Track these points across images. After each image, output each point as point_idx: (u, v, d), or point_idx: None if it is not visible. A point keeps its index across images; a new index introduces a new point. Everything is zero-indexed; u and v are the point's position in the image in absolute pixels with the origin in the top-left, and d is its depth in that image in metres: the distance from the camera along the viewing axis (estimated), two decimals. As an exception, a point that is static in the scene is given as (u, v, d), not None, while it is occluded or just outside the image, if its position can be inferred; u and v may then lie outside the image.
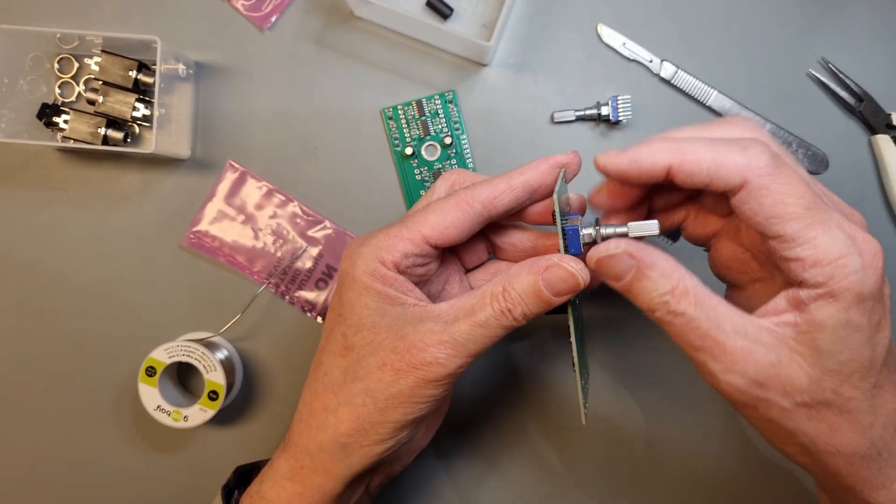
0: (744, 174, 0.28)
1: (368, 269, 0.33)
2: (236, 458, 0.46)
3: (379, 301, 0.33)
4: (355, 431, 0.33)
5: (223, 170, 0.46)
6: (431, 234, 0.33)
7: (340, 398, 0.33)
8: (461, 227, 0.33)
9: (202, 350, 0.43)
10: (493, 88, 0.46)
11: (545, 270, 0.32)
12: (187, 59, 0.46)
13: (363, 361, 0.33)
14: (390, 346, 0.32)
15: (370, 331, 0.33)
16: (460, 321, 0.32)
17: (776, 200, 0.27)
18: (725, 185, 0.28)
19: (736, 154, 0.28)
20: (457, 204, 0.33)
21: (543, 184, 0.34)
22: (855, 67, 0.45)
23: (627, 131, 0.46)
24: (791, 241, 0.27)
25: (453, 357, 0.31)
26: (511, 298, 0.32)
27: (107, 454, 0.47)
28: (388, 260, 0.33)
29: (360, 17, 0.46)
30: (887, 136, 0.44)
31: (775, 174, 0.27)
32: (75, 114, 0.44)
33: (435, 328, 0.32)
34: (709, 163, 0.28)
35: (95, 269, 0.46)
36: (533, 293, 0.32)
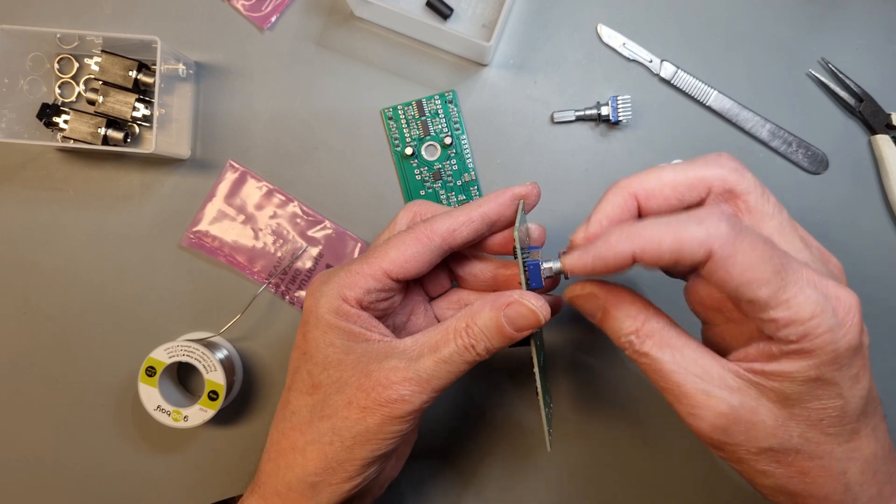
0: (706, 247, 0.27)
1: (332, 306, 0.33)
2: (236, 457, 0.46)
3: (343, 338, 0.33)
4: (323, 470, 0.33)
5: (223, 170, 0.46)
6: (392, 269, 0.34)
7: (308, 437, 0.33)
8: (421, 260, 0.34)
9: (202, 350, 0.43)
10: (492, 88, 0.46)
11: (507, 307, 0.32)
12: (187, 59, 0.46)
13: (329, 399, 0.33)
14: (356, 384, 0.32)
15: (336, 368, 0.33)
16: (424, 357, 0.32)
17: (743, 268, 0.27)
18: (691, 261, 0.28)
19: (694, 228, 0.27)
20: (416, 237, 0.34)
21: (503, 216, 0.35)
22: (855, 67, 0.45)
23: (627, 131, 0.46)
24: (763, 305, 0.27)
25: (418, 393, 0.32)
26: (474, 334, 0.32)
27: (107, 454, 0.47)
28: (351, 297, 0.33)
29: (360, 18, 0.46)
30: (887, 136, 0.44)
31: (737, 241, 0.27)
32: (75, 114, 0.44)
33: (399, 365, 0.32)
34: (669, 244, 0.28)
35: (96, 269, 0.46)
36: (495, 329, 0.32)
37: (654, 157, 0.46)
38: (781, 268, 0.27)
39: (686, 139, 0.46)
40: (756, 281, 0.27)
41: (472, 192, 0.46)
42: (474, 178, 0.46)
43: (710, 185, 0.31)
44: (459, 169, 0.46)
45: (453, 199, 0.46)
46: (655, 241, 0.28)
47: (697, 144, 0.46)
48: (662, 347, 0.30)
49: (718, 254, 0.27)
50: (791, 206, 0.45)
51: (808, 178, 0.46)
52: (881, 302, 0.45)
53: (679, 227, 0.28)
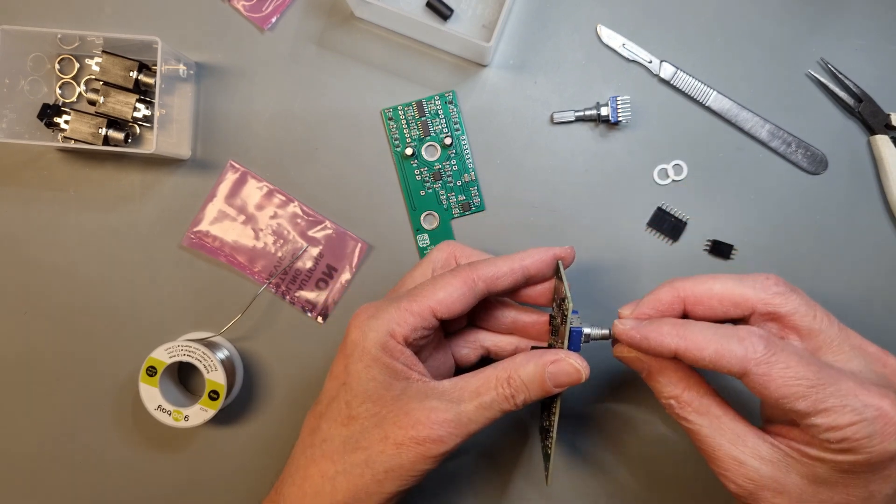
0: (743, 365, 0.31)
1: (379, 341, 0.35)
2: (237, 457, 0.46)
3: (386, 374, 0.34)
4: (351, 500, 0.34)
5: (224, 170, 0.46)
6: (439, 309, 0.35)
7: (339, 467, 0.34)
8: (465, 302, 0.36)
9: (203, 350, 0.43)
10: (492, 89, 0.46)
11: (552, 364, 0.34)
12: (188, 59, 0.46)
13: (366, 433, 0.34)
14: (393, 420, 0.33)
15: (375, 403, 0.34)
16: (465, 402, 0.33)
17: (779, 385, 0.30)
18: (729, 373, 0.31)
19: (734, 345, 0.31)
20: (464, 281, 0.36)
21: (541, 271, 0.38)
22: (854, 68, 0.45)
23: (627, 132, 0.46)
24: (801, 415, 0.30)
25: (454, 436, 0.33)
26: (516, 386, 0.34)
27: (107, 454, 0.47)
28: (399, 334, 0.35)
29: (360, 18, 0.46)
30: (886, 136, 0.44)
31: (772, 362, 0.30)
32: (76, 114, 0.44)
33: (440, 406, 0.33)
34: (710, 353, 0.31)
35: (96, 269, 0.47)
36: (537, 383, 0.34)
37: (654, 158, 0.46)
38: (816, 382, 0.30)
39: (686, 139, 0.46)
40: (792, 396, 0.30)
41: (472, 192, 0.46)
42: (474, 179, 0.46)
43: (754, 307, 0.34)
44: (459, 169, 0.46)
45: (453, 199, 0.46)
46: (698, 347, 0.31)
47: (697, 145, 0.46)
48: (700, 414, 0.33)
49: (754, 372, 0.30)
50: (791, 206, 0.46)
51: (808, 179, 0.46)
52: (881, 302, 0.45)
53: (721, 342, 0.31)
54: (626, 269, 0.46)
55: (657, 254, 0.46)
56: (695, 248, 0.46)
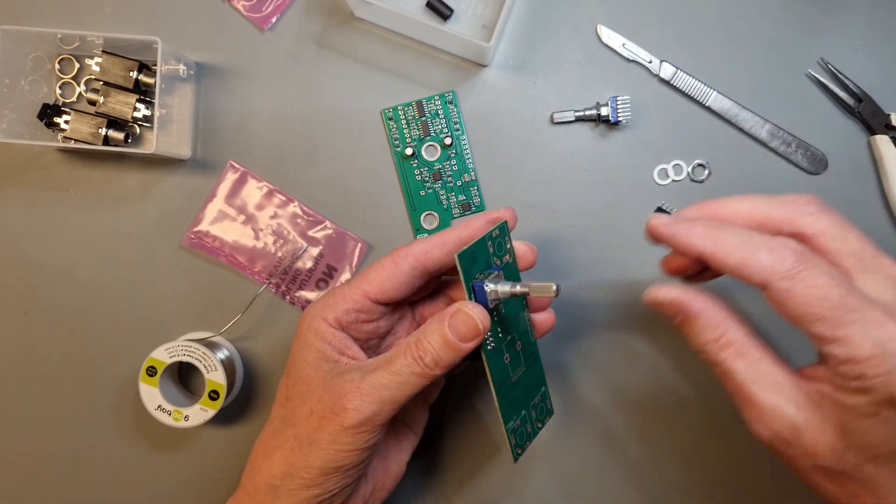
0: (765, 277, 0.29)
1: (311, 326, 0.36)
2: (237, 457, 0.46)
3: (316, 357, 0.36)
4: (283, 474, 0.35)
5: (224, 170, 0.46)
6: (370, 290, 0.36)
7: (276, 443, 0.36)
8: (396, 280, 0.36)
9: (203, 350, 0.43)
10: (492, 89, 0.46)
11: (450, 317, 0.34)
12: (188, 59, 0.46)
13: (296, 410, 0.36)
14: (317, 397, 0.35)
15: (305, 383, 0.36)
16: (377, 371, 0.34)
17: (798, 303, 0.29)
18: (750, 282, 0.30)
19: (763, 255, 0.30)
20: (392, 259, 0.37)
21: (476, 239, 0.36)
22: (854, 68, 0.45)
23: (627, 132, 0.46)
24: (819, 339, 0.29)
25: (368, 403, 0.33)
26: (422, 347, 0.34)
27: (107, 454, 0.47)
28: (331, 317, 0.36)
29: (360, 18, 0.46)
30: (886, 136, 0.44)
31: (797, 277, 0.29)
32: (76, 114, 0.44)
33: (355, 377, 0.34)
34: (736, 260, 0.30)
35: (96, 269, 0.47)
36: (441, 340, 0.34)
37: (654, 158, 0.46)
38: (842, 306, 0.28)
39: (685, 139, 0.46)
40: (809, 316, 0.28)
41: (472, 192, 0.46)
42: (474, 179, 0.46)
43: (780, 227, 0.32)
44: (459, 169, 0.46)
45: (453, 199, 0.46)
46: (726, 252, 0.30)
47: (697, 145, 0.46)
48: (737, 358, 0.32)
49: (775, 286, 0.29)
50: (790, 206, 0.45)
51: (808, 179, 0.46)
52: (880, 302, 0.45)
53: (751, 249, 0.30)
54: (627, 269, 0.46)
55: (658, 254, 0.46)
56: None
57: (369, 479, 0.38)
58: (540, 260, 0.46)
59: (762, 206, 0.33)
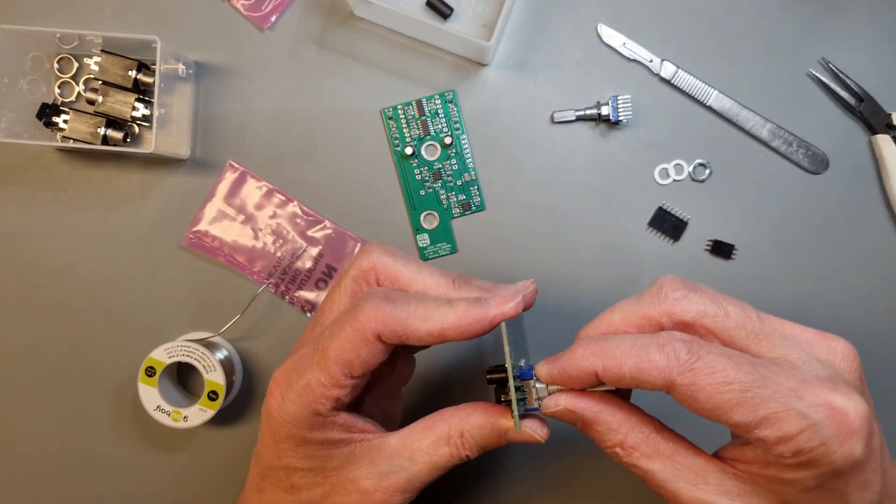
0: (666, 377, 0.27)
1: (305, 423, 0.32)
2: (236, 458, 0.46)
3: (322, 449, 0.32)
4: None
5: (223, 170, 0.46)
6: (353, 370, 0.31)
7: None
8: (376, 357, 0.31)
9: (202, 350, 0.43)
10: (493, 88, 0.46)
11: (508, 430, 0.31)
12: (187, 59, 0.46)
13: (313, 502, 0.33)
14: (342, 492, 0.32)
15: (317, 475, 0.32)
16: (417, 464, 0.32)
17: (709, 394, 0.26)
18: (653, 388, 0.27)
19: (654, 354, 0.27)
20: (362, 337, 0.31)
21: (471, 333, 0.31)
22: (855, 67, 0.45)
23: (628, 131, 0.46)
24: (743, 427, 0.26)
25: (407, 499, 0.32)
26: (469, 445, 0.32)
27: (106, 454, 0.47)
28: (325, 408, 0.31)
29: (360, 17, 0.46)
30: (887, 136, 0.44)
31: (697, 368, 0.26)
32: (75, 114, 0.44)
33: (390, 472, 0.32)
34: (630, 367, 0.27)
35: (95, 268, 0.46)
36: (493, 441, 0.32)
37: (655, 157, 0.46)
38: (750, 386, 0.26)
39: (686, 139, 0.46)
40: (725, 405, 0.26)
41: (472, 191, 0.46)
42: (474, 178, 0.46)
43: (660, 323, 0.30)
44: (459, 169, 0.46)
45: (453, 199, 0.46)
46: (617, 362, 0.28)
47: (698, 144, 0.46)
48: (651, 457, 0.29)
49: (679, 383, 0.26)
50: (791, 206, 0.45)
51: (809, 178, 0.46)
52: (882, 302, 0.45)
53: (640, 352, 0.27)
54: (627, 268, 0.46)
55: (658, 253, 0.46)
56: (696, 247, 0.46)
57: None
58: (540, 260, 0.46)
59: (632, 308, 0.30)
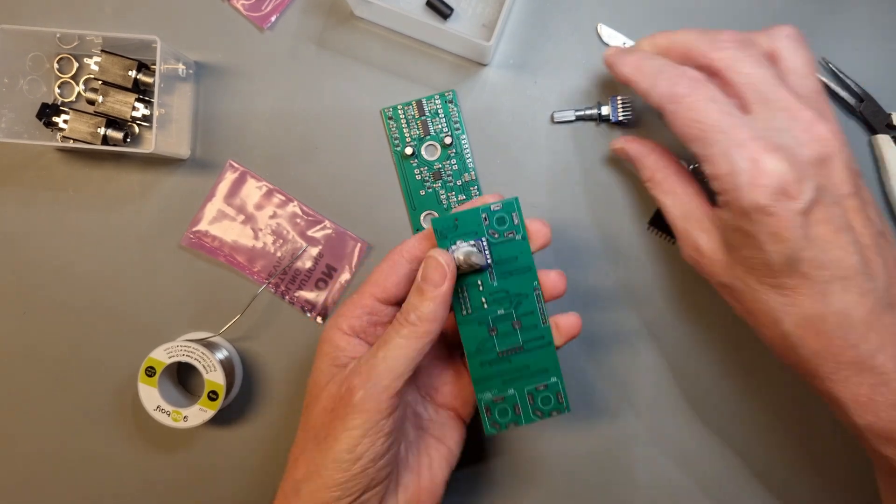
0: (660, 101, 0.35)
1: (326, 338, 0.38)
2: (236, 458, 0.46)
3: (328, 363, 0.38)
4: (305, 476, 0.36)
5: (223, 170, 0.46)
6: (375, 291, 0.38)
7: (299, 449, 0.37)
8: (397, 277, 0.38)
9: (202, 350, 0.43)
10: (493, 88, 0.46)
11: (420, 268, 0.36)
12: (187, 59, 0.46)
13: (311, 413, 0.37)
14: (327, 393, 0.37)
15: (318, 387, 0.37)
16: (372, 349, 0.36)
17: (679, 125, 0.34)
18: (654, 105, 0.36)
19: (662, 82, 0.35)
20: (389, 259, 0.39)
21: None
22: (855, 67, 0.45)
23: (629, 131, 0.46)
24: (701, 159, 0.34)
25: (367, 379, 0.35)
26: (403, 309, 0.36)
27: (106, 454, 0.47)
28: (344, 326, 0.38)
29: (360, 17, 0.46)
30: (887, 136, 0.44)
31: (683, 102, 0.34)
32: (75, 114, 0.44)
33: (356, 364, 0.36)
34: (645, 85, 0.36)
35: (95, 268, 0.46)
36: (416, 291, 0.36)
37: (655, 157, 0.46)
38: (712, 128, 0.33)
39: (686, 139, 0.46)
40: (688, 136, 0.34)
41: (472, 191, 0.46)
42: (474, 178, 0.46)
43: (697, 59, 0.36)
44: (459, 169, 0.46)
45: (453, 199, 0.46)
46: (640, 79, 0.36)
47: (697, 144, 0.46)
48: (666, 193, 0.39)
49: (666, 108, 0.35)
50: (791, 206, 0.45)
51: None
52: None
53: (656, 77, 0.35)
54: (628, 268, 0.46)
55: (658, 253, 0.46)
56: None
57: (399, 493, 0.37)
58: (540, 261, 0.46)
59: (693, 39, 0.37)
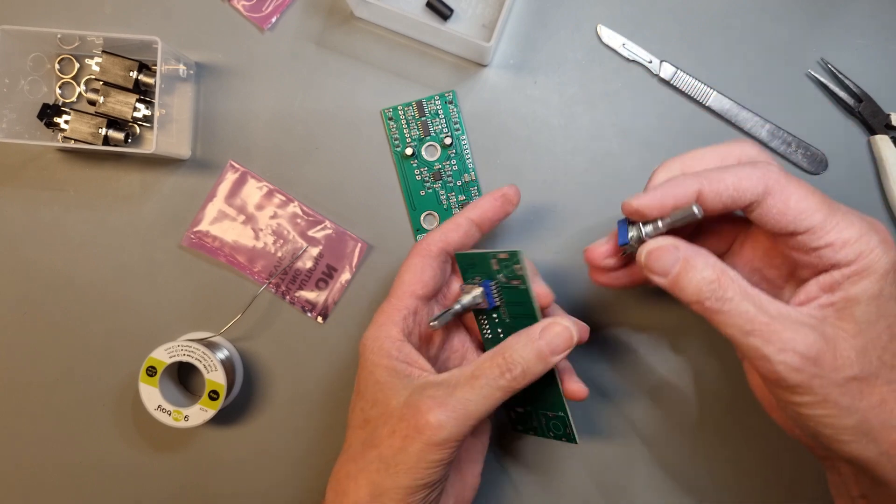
0: (764, 183, 0.31)
1: (376, 346, 0.37)
2: (237, 457, 0.46)
3: (388, 376, 0.36)
4: (371, 497, 0.35)
5: (224, 170, 0.46)
6: (415, 289, 0.38)
7: (359, 465, 0.36)
8: (432, 270, 0.38)
9: (203, 350, 0.43)
10: (492, 89, 0.46)
11: (542, 330, 0.35)
12: (188, 59, 0.46)
13: (377, 431, 0.36)
14: (398, 415, 0.35)
15: (382, 403, 0.36)
16: (462, 385, 0.34)
17: (799, 198, 0.31)
18: (751, 196, 0.32)
19: (750, 170, 0.32)
20: (418, 255, 0.39)
21: (485, 218, 0.40)
22: (854, 68, 0.45)
23: (628, 131, 0.46)
24: (820, 230, 0.31)
25: (453, 418, 0.34)
26: (510, 359, 0.35)
27: (107, 454, 0.47)
28: (394, 331, 0.37)
29: (360, 18, 0.46)
30: (886, 136, 0.44)
31: (790, 179, 0.32)
32: (76, 114, 0.44)
33: (437, 394, 0.34)
34: (731, 180, 0.32)
35: (96, 269, 0.47)
36: (534, 353, 0.35)
37: (654, 158, 0.46)
38: (826, 200, 0.32)
39: (685, 139, 0.46)
40: (810, 209, 0.31)
41: (472, 192, 0.46)
42: (474, 179, 0.46)
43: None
44: (459, 169, 0.46)
45: (453, 199, 0.46)
46: (717, 178, 0.32)
47: (697, 144, 0.45)
48: (743, 293, 0.32)
49: (775, 188, 0.31)
50: (790, 206, 0.45)
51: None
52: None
53: (738, 170, 0.32)
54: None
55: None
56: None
57: (449, 495, 0.38)
58: (540, 261, 0.46)
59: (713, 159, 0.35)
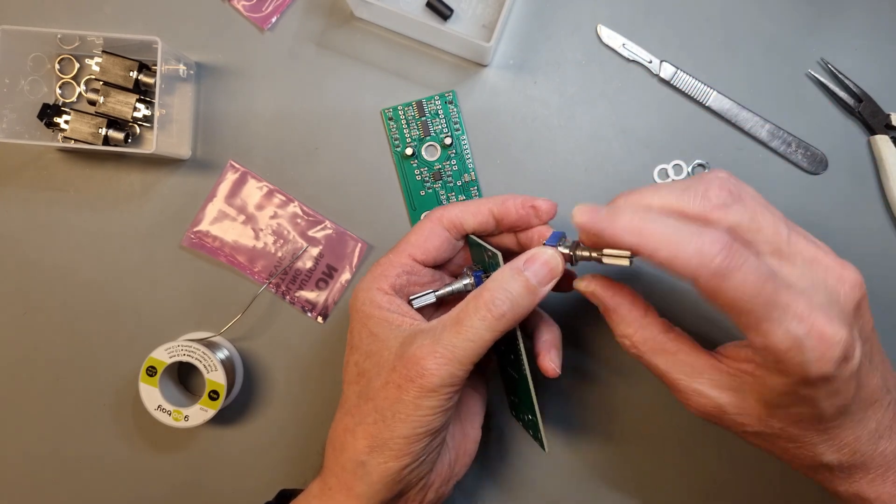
0: (695, 273, 0.29)
1: (367, 298, 0.37)
2: (237, 457, 0.46)
3: (379, 327, 0.36)
4: (370, 448, 0.35)
5: (224, 170, 0.46)
6: (415, 251, 0.38)
7: (356, 419, 0.36)
8: (438, 241, 0.38)
9: (203, 350, 0.43)
10: (492, 89, 0.46)
11: (525, 261, 0.35)
12: (188, 59, 0.46)
13: (371, 383, 0.36)
14: (390, 366, 0.35)
15: (375, 355, 0.36)
16: (447, 329, 0.34)
17: (726, 299, 0.29)
18: (680, 277, 0.29)
19: (690, 248, 0.29)
20: (431, 221, 0.39)
21: (507, 216, 0.39)
22: (854, 68, 0.45)
23: (628, 132, 0.46)
24: (745, 328, 0.30)
25: (444, 365, 0.33)
26: (492, 298, 0.34)
27: (107, 454, 0.47)
28: (385, 285, 0.37)
29: (360, 18, 0.46)
30: (886, 136, 0.44)
31: (727, 272, 0.28)
32: (76, 114, 0.44)
33: (425, 342, 0.34)
34: (665, 255, 0.29)
35: (96, 269, 0.47)
36: (522, 285, 0.34)
37: (654, 158, 0.46)
38: (768, 300, 0.28)
39: (685, 139, 0.46)
40: (736, 309, 0.29)
41: (472, 192, 0.46)
42: (474, 179, 0.46)
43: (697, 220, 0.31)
44: (459, 169, 0.46)
45: (453, 199, 0.46)
46: (654, 247, 0.29)
47: (697, 145, 0.46)
48: (655, 353, 0.34)
49: (703, 282, 0.29)
50: (790, 206, 0.46)
51: (808, 179, 0.46)
52: (881, 302, 0.45)
53: (678, 245, 0.29)
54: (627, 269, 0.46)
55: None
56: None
57: (450, 447, 0.38)
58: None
59: (676, 198, 0.32)
